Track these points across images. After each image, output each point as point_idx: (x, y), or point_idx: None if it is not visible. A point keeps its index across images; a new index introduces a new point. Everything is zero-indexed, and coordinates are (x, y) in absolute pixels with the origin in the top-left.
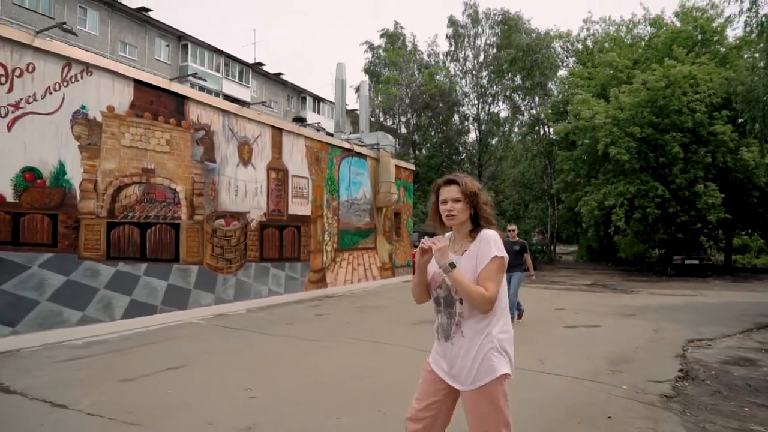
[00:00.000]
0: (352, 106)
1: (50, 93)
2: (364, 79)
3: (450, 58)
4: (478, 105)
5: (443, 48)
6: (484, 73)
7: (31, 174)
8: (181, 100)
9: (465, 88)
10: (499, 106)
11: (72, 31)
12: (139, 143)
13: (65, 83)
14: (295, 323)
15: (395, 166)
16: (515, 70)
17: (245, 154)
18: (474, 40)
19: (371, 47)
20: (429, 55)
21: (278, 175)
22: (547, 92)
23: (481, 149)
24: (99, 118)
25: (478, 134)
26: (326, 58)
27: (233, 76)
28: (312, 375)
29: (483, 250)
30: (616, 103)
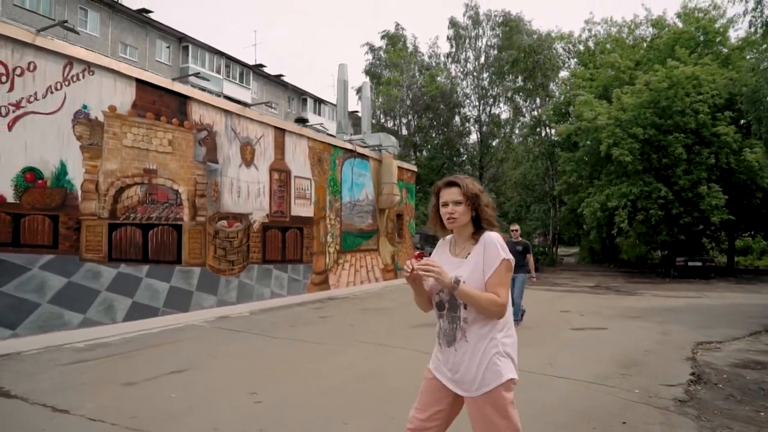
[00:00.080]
0: (352, 108)
1: (51, 92)
2: (366, 80)
3: (451, 59)
4: (479, 106)
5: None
6: (485, 75)
7: (32, 174)
8: (184, 100)
9: (466, 90)
10: (500, 108)
11: (74, 30)
12: (141, 143)
13: (67, 82)
14: (298, 326)
15: (397, 168)
16: (517, 72)
17: (248, 155)
18: (475, 41)
19: (372, 49)
20: (430, 56)
21: (281, 176)
22: (549, 93)
23: (482, 151)
24: (101, 118)
25: (479, 136)
26: (326, 59)
27: (234, 78)
28: (317, 378)
29: (490, 254)
30: (618, 104)
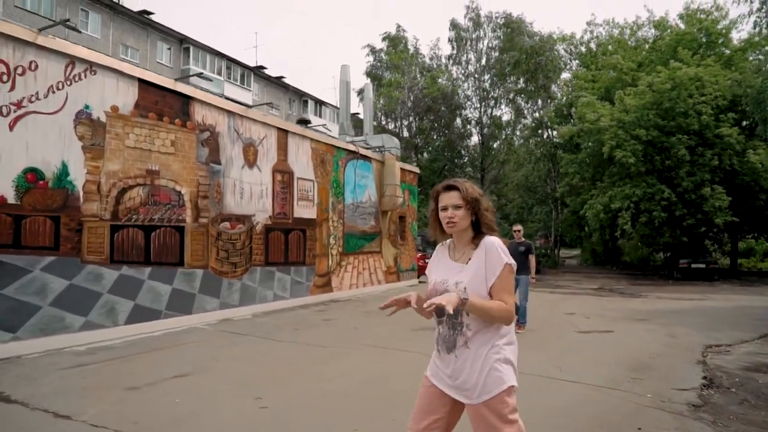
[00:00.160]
0: (353, 110)
1: (53, 92)
2: (367, 82)
3: (452, 61)
4: (480, 108)
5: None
6: (486, 77)
7: (33, 175)
8: (186, 101)
9: (467, 92)
10: (502, 110)
11: (76, 29)
12: (143, 144)
13: (68, 82)
14: (301, 329)
15: (400, 169)
16: (519, 73)
17: (250, 156)
18: (476, 43)
19: (373, 50)
20: (431, 58)
21: (284, 178)
22: (551, 95)
23: (484, 153)
24: (103, 118)
25: (480, 138)
26: (327, 61)
27: (235, 80)
28: (322, 382)
29: (492, 260)
30: (621, 105)
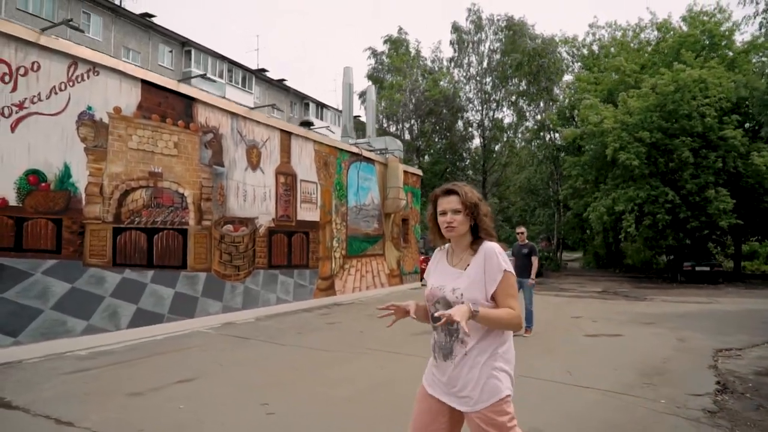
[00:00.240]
0: (355, 112)
1: (55, 93)
2: (370, 84)
3: (454, 63)
4: (482, 111)
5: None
6: (488, 79)
7: (35, 177)
8: (189, 102)
9: (469, 94)
10: (504, 112)
11: (79, 29)
12: (146, 146)
13: (71, 83)
14: (306, 332)
15: (403, 172)
16: (521, 75)
17: (254, 158)
18: (477, 45)
19: (374, 53)
20: (433, 60)
21: (287, 180)
22: (553, 98)
23: (485, 155)
24: (105, 120)
25: (482, 140)
26: (327, 63)
27: (236, 83)
28: (329, 387)
29: (492, 266)
30: (624, 107)
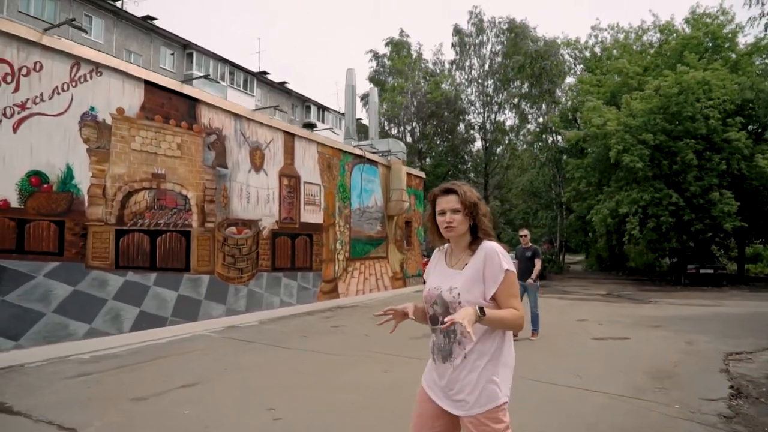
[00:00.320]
0: (357, 115)
1: (58, 93)
2: (372, 87)
3: (455, 66)
4: (484, 113)
5: (449, 56)
6: (490, 82)
7: (37, 178)
8: (193, 103)
9: (471, 97)
10: (505, 115)
11: (82, 28)
12: (149, 147)
13: (74, 83)
14: (310, 336)
15: (406, 174)
16: (523, 77)
17: (257, 160)
18: (479, 48)
19: (376, 56)
20: (434, 63)
21: (290, 182)
22: (555, 100)
23: (487, 158)
24: (108, 121)
25: (484, 143)
26: (328, 65)
27: (238, 85)
28: (336, 392)
29: (492, 266)
30: (627, 110)
